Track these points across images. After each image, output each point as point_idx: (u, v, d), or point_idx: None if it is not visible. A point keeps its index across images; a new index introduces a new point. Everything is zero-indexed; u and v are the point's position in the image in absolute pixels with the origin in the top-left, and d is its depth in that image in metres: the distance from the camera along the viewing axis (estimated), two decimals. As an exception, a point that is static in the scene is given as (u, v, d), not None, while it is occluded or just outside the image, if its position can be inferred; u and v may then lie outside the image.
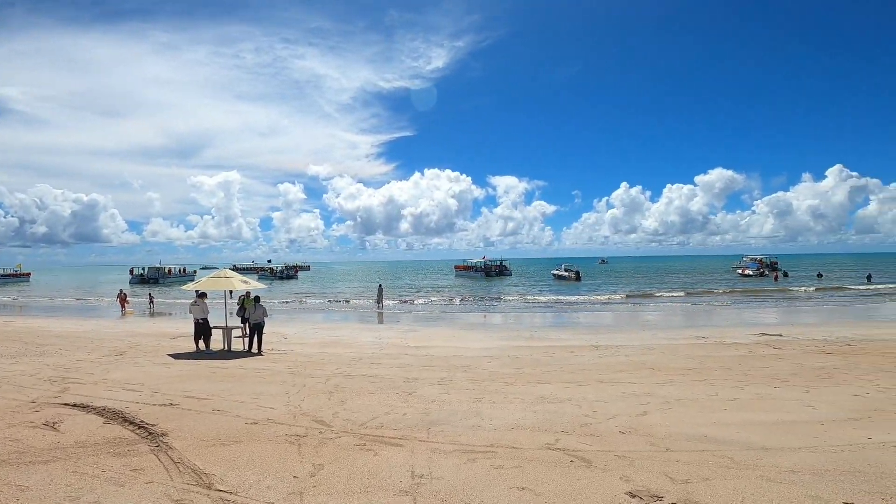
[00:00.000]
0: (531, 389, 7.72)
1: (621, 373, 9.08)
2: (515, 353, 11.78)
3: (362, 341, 14.42)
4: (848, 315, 21.00)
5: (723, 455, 4.61)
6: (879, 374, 8.07)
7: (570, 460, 4.59)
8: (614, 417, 6.04)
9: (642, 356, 10.95)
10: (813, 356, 10.18)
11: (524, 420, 5.99)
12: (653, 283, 50.70)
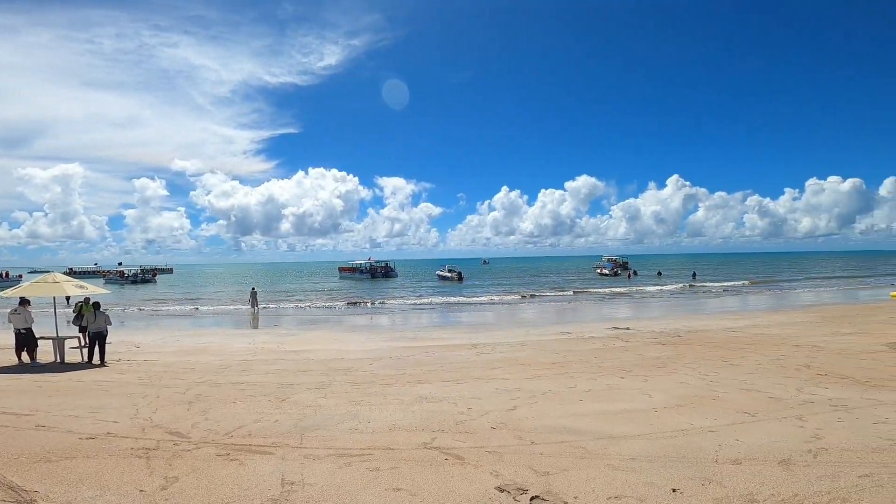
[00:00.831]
0: (411, 390, 7.80)
1: (496, 369, 9.57)
2: (398, 354, 11.83)
3: (233, 348, 13.36)
4: (682, 309, 24.63)
5: (578, 445, 5.04)
6: (701, 362, 9.56)
7: (444, 458, 4.71)
8: (487, 413, 6.31)
9: (516, 352, 11.69)
10: (652, 347, 11.74)
11: (402, 421, 6.03)
12: (531, 283, 54.43)
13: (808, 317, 17.33)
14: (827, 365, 8.49)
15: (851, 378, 7.34)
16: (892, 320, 14.76)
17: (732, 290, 37.14)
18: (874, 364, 8.27)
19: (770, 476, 3.92)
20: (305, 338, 15.86)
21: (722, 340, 12.25)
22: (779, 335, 12.83)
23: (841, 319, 15.82)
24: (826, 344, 10.89)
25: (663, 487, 3.86)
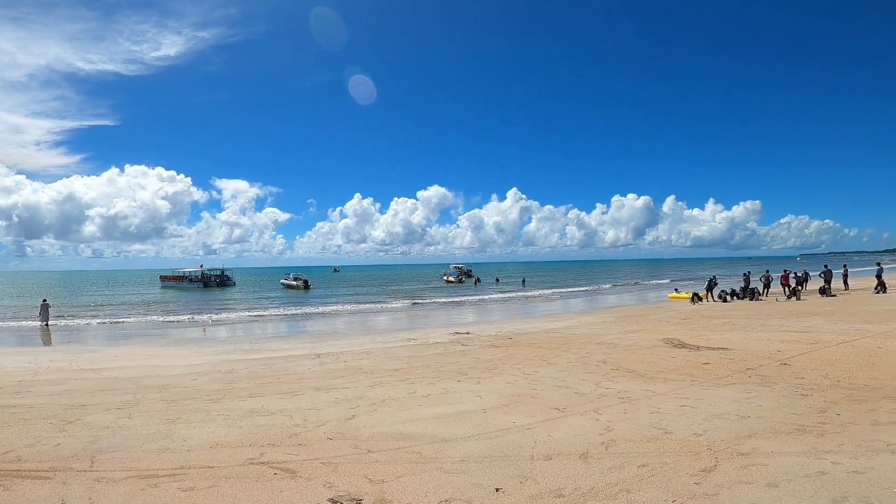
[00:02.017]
0: (240, 404, 7.20)
1: (339, 378, 9.36)
2: (230, 367, 10.82)
3: (6, 368, 10.76)
4: (515, 313, 27.14)
5: (413, 450, 5.15)
6: (525, 362, 10.63)
7: (273, 473, 4.46)
8: (324, 424, 6.14)
9: (360, 360, 11.58)
10: (486, 350, 12.70)
11: (226, 437, 5.54)
12: (381, 290, 54.56)
13: (609, 317, 20.51)
14: (619, 360, 10.13)
15: (635, 372, 8.86)
16: (667, 318, 18.27)
17: (555, 296, 42.17)
18: (652, 358, 10.14)
19: (573, 470, 4.38)
20: (110, 354, 13.55)
21: (543, 341, 13.78)
22: (586, 334, 14.90)
23: (631, 319, 19.05)
24: (619, 341, 12.98)
25: (488, 488, 4.11)
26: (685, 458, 4.34)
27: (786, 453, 4.21)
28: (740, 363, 8.90)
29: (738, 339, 12.01)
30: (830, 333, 11.71)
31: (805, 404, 5.80)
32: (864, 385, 6.54)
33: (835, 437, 4.49)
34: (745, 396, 6.41)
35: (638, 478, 4.03)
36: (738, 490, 3.55)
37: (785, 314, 17.14)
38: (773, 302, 22.99)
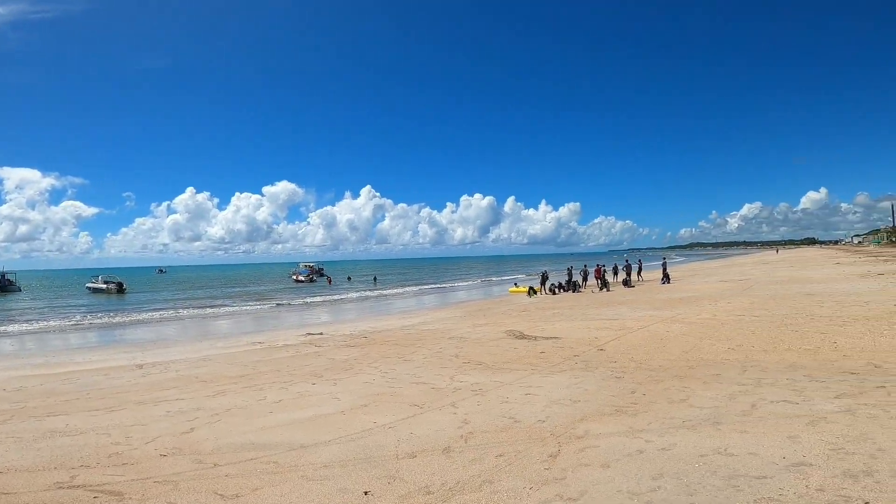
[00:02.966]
0: (35, 425, 6.05)
1: (169, 390, 8.28)
2: (17, 384, 8.78)
3: None
4: (370, 312, 27.03)
5: (269, 460, 4.82)
6: (382, 360, 10.65)
7: (93, 497, 3.88)
8: (155, 440, 5.46)
9: (196, 369, 10.37)
10: (342, 350, 12.40)
11: (19, 461, 4.69)
12: (220, 292, 49.64)
13: (459, 312, 21.70)
14: (470, 354, 10.77)
15: (485, 364, 9.52)
16: (509, 311, 20.01)
17: (408, 293, 43.14)
18: (498, 350, 11.00)
19: (438, 465, 4.50)
20: None
21: (399, 338, 13.98)
22: (439, 329, 15.52)
23: (478, 313, 20.42)
24: (469, 335, 13.79)
25: (356, 492, 4.02)
26: (534, 444, 4.78)
27: (611, 434, 4.88)
28: (568, 351, 10.15)
29: (565, 328, 13.69)
30: (632, 320, 14.04)
31: (619, 386, 6.86)
32: (659, 366, 8.00)
33: (644, 417, 5.35)
34: (574, 382, 7.34)
35: (497, 468, 4.31)
36: (580, 472, 4.01)
37: (599, 304, 20.08)
38: (590, 293, 26.80)
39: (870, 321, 10.69)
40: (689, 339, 10.29)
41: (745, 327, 11.13)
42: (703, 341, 9.86)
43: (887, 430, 4.22)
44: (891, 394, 5.30)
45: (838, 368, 6.79)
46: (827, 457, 3.76)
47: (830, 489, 3.20)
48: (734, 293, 20.19)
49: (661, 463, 4.00)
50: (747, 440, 4.27)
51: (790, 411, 5.00)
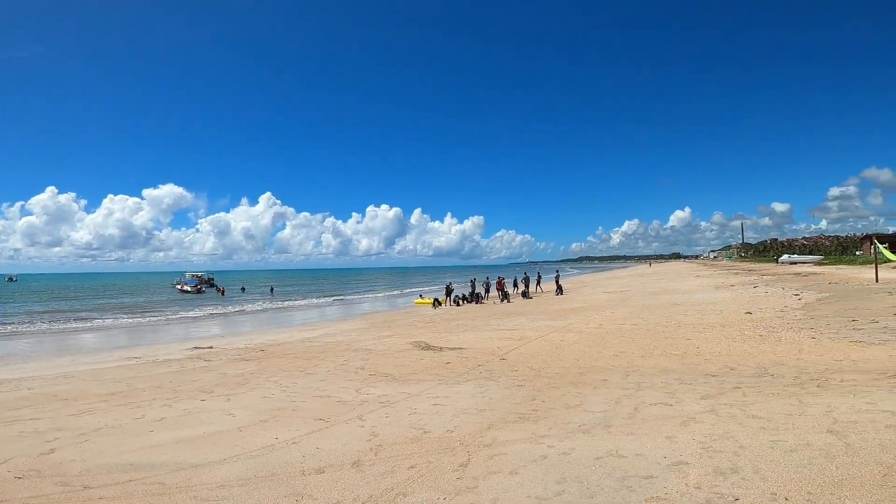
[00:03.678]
0: None
1: (21, 409, 7.23)
2: None
3: None
4: (267, 324, 25.46)
5: (154, 481, 4.37)
6: (282, 374, 10.08)
7: None
8: (7, 461, 4.87)
9: (55, 386, 9.02)
10: (235, 364, 11.54)
11: None
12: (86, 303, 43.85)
13: (363, 323, 21.33)
14: (376, 365, 10.62)
15: (391, 375, 9.43)
16: (414, 322, 20.07)
17: (310, 304, 41.46)
18: (405, 361, 10.97)
19: (349, 480, 4.35)
20: None
21: (300, 351, 13.36)
22: (343, 341, 15.12)
23: (384, 324, 20.25)
24: (375, 346, 13.61)
25: None
26: (444, 455, 4.81)
27: (516, 441, 5.06)
28: (473, 361, 10.44)
29: (469, 338, 14.07)
30: (531, 330, 14.84)
31: (521, 394, 7.19)
32: (556, 373, 8.53)
33: (545, 422, 5.64)
34: (480, 391, 7.55)
35: (410, 480, 4.27)
36: (491, 480, 4.11)
37: (500, 315, 20.95)
38: (492, 305, 27.87)
39: (724, 328, 12.36)
40: (580, 347, 11.11)
41: (626, 335, 12.28)
42: (592, 349, 10.71)
43: (745, 427, 4.83)
44: (745, 394, 6.12)
45: (702, 371, 7.72)
46: (699, 455, 4.20)
47: (706, 487, 3.57)
48: (616, 304, 22.24)
49: (563, 467, 4.23)
50: (634, 442, 4.68)
51: (666, 412, 5.58)
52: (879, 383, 6.04)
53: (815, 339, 9.74)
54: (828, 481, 3.48)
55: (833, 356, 7.96)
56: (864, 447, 4.08)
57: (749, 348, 9.36)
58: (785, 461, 3.93)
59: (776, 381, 6.64)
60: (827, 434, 4.46)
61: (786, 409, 5.37)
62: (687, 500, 3.39)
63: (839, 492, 3.29)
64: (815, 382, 6.37)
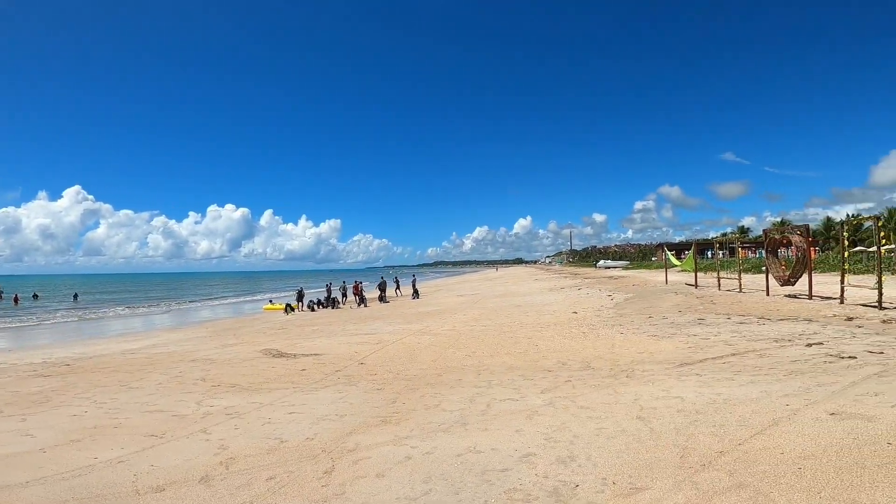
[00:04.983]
0: None
1: None
2: None
3: None
4: (73, 335, 21.33)
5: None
6: (96, 389, 8.58)
7: None
8: None
9: None
10: (30, 381, 9.53)
11: None
12: None
13: (203, 332, 19.20)
14: (220, 376, 9.67)
15: (239, 385, 8.68)
16: (264, 329, 18.72)
17: (134, 313, 35.93)
18: (254, 370, 10.18)
19: (197, 496, 3.97)
20: None
21: (119, 364, 11.54)
22: (177, 352, 13.47)
23: (228, 332, 18.51)
24: (218, 356, 12.39)
25: None
26: (306, 463, 4.62)
27: (380, 444, 5.08)
28: (330, 366, 10.17)
29: (326, 344, 13.66)
30: (388, 334, 14.99)
31: (381, 397, 7.23)
32: (414, 375, 8.77)
33: (407, 424, 5.74)
34: (338, 396, 7.40)
35: (270, 491, 4.03)
36: (358, 485, 4.06)
37: (357, 319, 20.74)
38: (349, 309, 27.42)
39: (557, 326, 14.01)
40: (436, 349, 11.59)
41: (477, 336, 13.18)
42: (447, 350, 11.25)
43: (576, 418, 5.48)
44: (575, 386, 7.01)
45: (540, 367, 8.65)
46: (543, 446, 4.65)
47: (552, 475, 3.97)
48: (467, 306, 23.69)
49: (427, 466, 4.37)
50: (488, 437, 5.03)
51: (514, 407, 6.12)
52: (669, 372, 7.43)
53: (623, 334, 11.58)
54: (642, 464, 4.05)
55: (637, 349, 9.59)
56: (664, 431, 4.80)
57: (576, 344, 10.75)
58: (608, 447, 4.49)
59: (596, 374, 7.72)
60: (636, 420, 5.21)
61: (605, 398, 6.20)
62: (538, 489, 3.74)
63: (651, 473, 3.84)
64: (625, 373, 7.56)
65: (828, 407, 5.00)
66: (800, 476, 3.50)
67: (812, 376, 6.31)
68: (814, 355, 7.60)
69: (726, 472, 3.69)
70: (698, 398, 5.78)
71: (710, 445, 4.28)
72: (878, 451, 3.79)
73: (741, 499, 3.25)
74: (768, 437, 4.35)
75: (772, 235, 20.08)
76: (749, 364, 7.40)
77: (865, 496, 3.12)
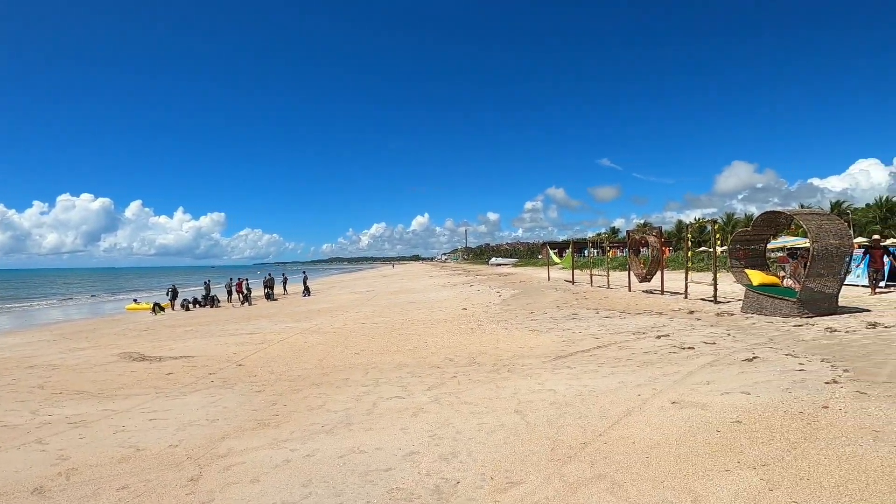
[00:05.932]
0: None
1: None
2: None
3: None
4: None
5: None
6: None
7: None
8: None
9: None
10: None
11: None
12: None
13: (48, 335, 16.55)
14: (63, 382, 8.41)
15: (87, 392, 7.62)
16: (125, 331, 16.61)
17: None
18: (108, 375, 8.99)
19: None
20: None
21: (-73, 372, 9.49)
22: (10, 358, 11.53)
23: (79, 335, 16.14)
24: (62, 361, 10.78)
25: None
26: (168, 471, 4.20)
27: (256, 448, 4.77)
28: (203, 369, 9.35)
29: (200, 346, 12.54)
30: (273, 333, 14.20)
31: (260, 400, 6.81)
32: (298, 376, 8.39)
33: (287, 426, 5.47)
34: (210, 401, 6.82)
35: (122, 500, 3.63)
36: (230, 491, 3.77)
37: (240, 319, 19.34)
38: (231, 308, 25.48)
39: (447, 323, 14.34)
40: (324, 347, 11.23)
41: (367, 333, 13.02)
42: (335, 349, 10.96)
43: (460, 414, 5.59)
44: (460, 382, 7.18)
45: (429, 364, 8.77)
46: (427, 444, 4.68)
47: (434, 473, 4.00)
48: (360, 303, 23.32)
49: (308, 469, 4.20)
50: (373, 436, 4.97)
51: (400, 405, 6.11)
52: (545, 365, 7.97)
53: (507, 330, 12.18)
54: (517, 457, 4.20)
55: (518, 344, 10.18)
56: (538, 424, 5.03)
57: (464, 340, 11.10)
58: (488, 442, 4.62)
59: (481, 369, 8.03)
60: (514, 414, 5.42)
61: (487, 393, 6.41)
62: (421, 487, 3.75)
63: (524, 467, 3.99)
64: (507, 368, 7.95)
65: (671, 396, 5.63)
66: (647, 465, 3.83)
67: (660, 367, 7.18)
68: (661, 347, 8.68)
69: (588, 464, 3.95)
70: (568, 390, 6.23)
71: (576, 437, 4.58)
72: (709, 439, 4.25)
73: (600, 489, 3.49)
74: (623, 426, 4.75)
75: (633, 236, 22.67)
76: (611, 356, 8.23)
77: (699, 484, 3.45)
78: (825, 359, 6.81)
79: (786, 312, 11.09)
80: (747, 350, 7.82)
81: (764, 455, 3.81)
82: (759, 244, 13.88)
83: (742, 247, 13.70)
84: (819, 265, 10.77)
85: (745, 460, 3.75)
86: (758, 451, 3.90)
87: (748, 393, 5.46)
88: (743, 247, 13.70)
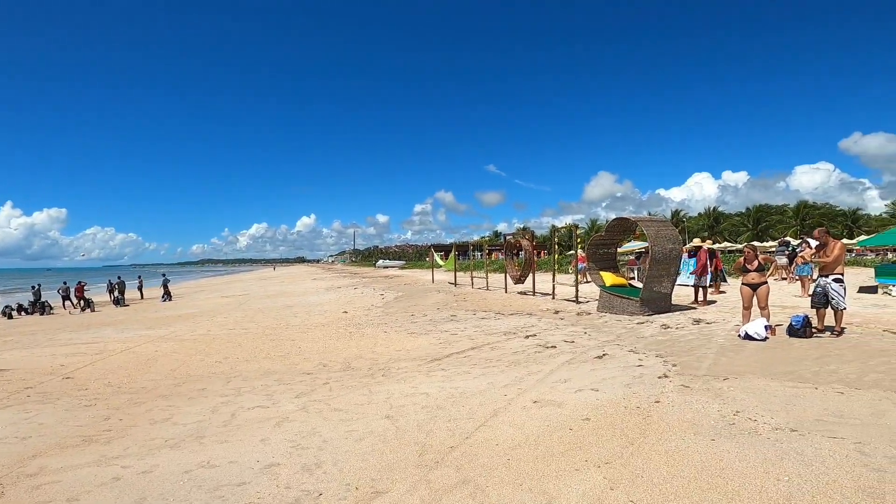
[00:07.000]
0: None
1: None
2: None
3: None
4: None
5: None
6: None
7: None
8: None
9: None
10: None
11: None
12: None
13: None
14: None
15: None
16: None
17: None
18: None
19: None
20: None
21: None
22: None
23: None
24: None
25: None
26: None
27: (76, 466, 4.13)
28: (19, 383, 7.85)
29: (19, 357, 10.52)
30: (117, 342, 12.41)
31: (89, 414, 5.86)
32: (143, 388, 7.38)
33: (120, 442, 4.77)
34: (24, 417, 5.74)
35: None
36: None
37: (76, 327, 16.63)
38: (68, 315, 21.82)
39: (325, 327, 13.73)
40: (179, 356, 10.07)
41: (235, 340, 11.98)
42: (193, 357, 9.89)
43: (328, 421, 5.31)
44: (332, 388, 6.84)
45: (300, 370, 8.27)
46: (289, 454, 4.36)
47: (295, 485, 3.72)
48: (231, 308, 21.45)
49: (142, 486, 3.71)
50: (228, 449, 4.53)
51: (263, 415, 5.66)
52: (420, 368, 7.97)
53: (386, 332, 12.02)
54: (385, 465, 4.04)
55: (396, 347, 10.09)
56: (408, 429, 4.92)
57: (341, 345, 10.69)
58: (356, 450, 4.42)
59: (355, 374, 7.77)
60: (385, 419, 5.27)
61: (359, 398, 6.20)
62: (278, 501, 3.48)
63: (391, 475, 3.85)
64: (382, 372, 7.79)
65: (533, 395, 5.88)
66: (508, 468, 3.88)
67: (525, 366, 7.60)
68: (529, 346, 9.23)
69: (454, 468, 3.92)
70: (440, 393, 6.25)
71: (444, 441, 4.55)
72: (563, 438, 4.44)
73: (464, 495, 3.47)
74: (489, 428, 4.82)
75: (510, 240, 24.14)
76: (483, 357, 8.54)
77: (552, 485, 3.55)
78: (659, 354, 7.80)
79: (632, 311, 12.54)
80: (599, 347, 8.64)
81: (607, 452, 4.07)
82: (611, 248, 15.62)
83: (598, 250, 15.29)
84: (657, 267, 12.39)
85: (591, 458, 3.97)
86: (602, 448, 4.17)
87: (597, 390, 5.95)
88: (599, 250, 15.30)
